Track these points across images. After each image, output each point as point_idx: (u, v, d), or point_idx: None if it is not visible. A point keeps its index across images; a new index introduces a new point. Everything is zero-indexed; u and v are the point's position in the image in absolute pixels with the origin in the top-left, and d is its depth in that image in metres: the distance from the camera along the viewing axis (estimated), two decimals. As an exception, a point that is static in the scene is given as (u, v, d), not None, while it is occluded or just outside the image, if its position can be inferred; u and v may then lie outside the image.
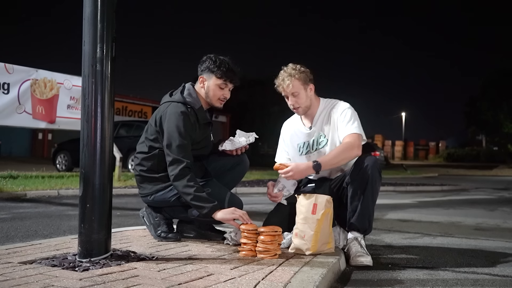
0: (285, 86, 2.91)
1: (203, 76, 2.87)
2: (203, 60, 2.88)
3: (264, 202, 6.59)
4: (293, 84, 2.90)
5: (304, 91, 2.93)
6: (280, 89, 2.96)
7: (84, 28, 2.20)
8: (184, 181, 2.60)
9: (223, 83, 2.82)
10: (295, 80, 2.90)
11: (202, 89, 2.88)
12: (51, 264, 2.11)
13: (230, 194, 2.80)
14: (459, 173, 22.53)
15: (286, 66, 2.96)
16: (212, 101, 2.87)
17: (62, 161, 13.43)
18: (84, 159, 2.20)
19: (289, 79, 2.89)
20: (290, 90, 2.91)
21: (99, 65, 2.19)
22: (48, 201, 6.40)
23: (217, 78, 2.82)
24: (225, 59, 2.85)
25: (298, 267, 2.22)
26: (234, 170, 3.01)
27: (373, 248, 3.23)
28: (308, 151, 3.01)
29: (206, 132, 2.93)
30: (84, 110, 2.21)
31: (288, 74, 2.90)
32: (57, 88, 8.86)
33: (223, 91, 2.85)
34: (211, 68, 2.83)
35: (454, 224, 4.92)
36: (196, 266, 2.18)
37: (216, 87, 2.83)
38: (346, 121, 2.87)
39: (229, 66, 2.82)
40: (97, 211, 2.19)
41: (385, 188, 10.40)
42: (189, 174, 2.62)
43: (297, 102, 2.94)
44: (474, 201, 8.08)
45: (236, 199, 2.82)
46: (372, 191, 2.74)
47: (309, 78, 2.96)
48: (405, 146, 57.98)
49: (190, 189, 2.59)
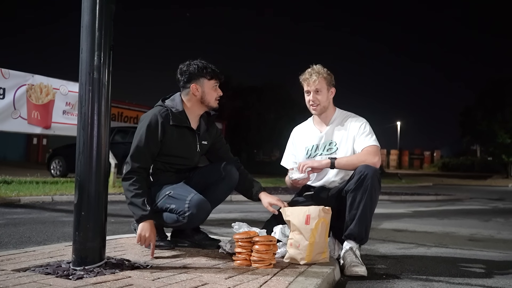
0: (312, 81, 3.02)
1: (195, 84, 2.84)
2: (183, 71, 2.85)
3: (259, 210, 6.58)
4: (319, 81, 3.02)
5: (327, 91, 3.06)
6: (305, 84, 3.06)
7: (82, 36, 2.21)
8: (126, 184, 2.69)
9: (215, 82, 2.87)
10: (322, 78, 3.03)
11: (195, 96, 2.85)
12: (44, 272, 2.10)
13: (193, 196, 2.67)
14: (454, 182, 22.62)
15: (314, 65, 3.09)
16: (211, 103, 2.87)
17: (57, 167, 13.37)
18: (80, 166, 2.20)
19: (316, 75, 3.01)
20: (315, 86, 3.02)
21: (96, 73, 2.19)
22: (42, 207, 6.37)
23: (208, 80, 2.85)
24: (202, 62, 2.87)
25: (293, 277, 2.21)
26: (218, 185, 2.89)
27: (368, 258, 3.24)
28: (316, 154, 3.05)
29: (187, 139, 2.87)
30: (80, 117, 2.21)
31: (316, 72, 3.03)
32: (53, 94, 8.87)
33: (217, 90, 2.90)
34: (197, 74, 2.83)
35: (448, 234, 4.93)
36: (190, 275, 2.17)
37: (211, 89, 2.86)
38: (366, 133, 2.98)
39: (211, 66, 2.87)
40: (92, 219, 2.19)
41: (380, 197, 10.31)
42: (133, 178, 2.67)
43: (318, 99, 3.04)
44: (468, 211, 8.11)
45: (200, 202, 2.65)
46: (371, 200, 2.75)
47: (333, 82, 3.11)
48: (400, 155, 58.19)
49: (128, 193, 2.66)
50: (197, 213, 2.63)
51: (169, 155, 2.82)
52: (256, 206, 7.15)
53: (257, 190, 2.98)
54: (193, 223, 2.73)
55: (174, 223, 2.72)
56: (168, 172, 2.88)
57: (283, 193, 9.71)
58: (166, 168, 2.87)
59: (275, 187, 12.07)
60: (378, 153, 2.95)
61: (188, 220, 2.63)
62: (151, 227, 2.59)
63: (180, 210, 2.64)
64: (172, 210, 2.69)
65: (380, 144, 3.04)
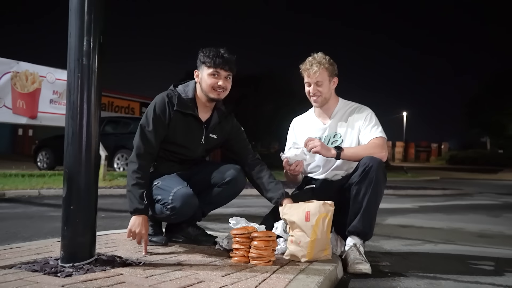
0: (312, 73, 2.98)
1: (197, 70, 2.88)
2: (198, 55, 2.88)
3: (257, 205, 6.59)
4: (321, 72, 2.98)
5: (328, 82, 3.03)
6: (305, 75, 3.03)
7: (70, 20, 2.19)
8: (130, 169, 2.70)
9: (214, 70, 2.79)
10: (323, 69, 2.99)
11: (198, 83, 2.88)
12: (31, 269, 2.10)
13: (179, 188, 2.65)
14: (462, 176, 22.66)
15: (315, 53, 3.04)
16: (207, 92, 2.83)
17: (44, 159, 13.36)
18: (69, 158, 2.19)
19: (317, 66, 2.97)
20: (316, 78, 2.98)
21: (85, 59, 2.18)
22: (29, 201, 6.37)
23: (207, 67, 2.81)
24: (216, 49, 2.82)
25: (293, 275, 2.22)
26: (220, 189, 2.87)
27: (372, 255, 3.24)
28: None
29: (191, 129, 2.86)
30: (69, 106, 2.20)
31: (318, 62, 2.98)
32: (40, 82, 8.82)
33: (216, 79, 2.80)
34: (201, 59, 2.83)
35: (456, 230, 4.95)
36: (185, 272, 2.18)
37: (208, 76, 2.80)
38: (372, 124, 2.97)
39: (218, 53, 2.79)
40: (81, 213, 2.19)
41: (385, 191, 10.37)
42: (138, 164, 2.68)
43: (319, 91, 3.01)
44: (477, 207, 8.14)
45: (185, 195, 2.63)
46: (376, 194, 2.76)
47: (335, 72, 3.06)
48: (406, 147, 58.28)
49: (130, 180, 2.67)
50: (180, 207, 2.62)
51: (171, 143, 2.83)
52: (255, 201, 7.16)
53: (278, 196, 2.85)
54: (177, 217, 2.71)
55: (160, 215, 2.74)
56: (170, 162, 2.89)
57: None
58: (168, 156, 2.88)
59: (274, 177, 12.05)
60: (385, 146, 2.95)
61: (171, 212, 2.64)
62: (144, 222, 2.59)
63: (165, 201, 2.66)
64: (159, 201, 2.71)
65: (386, 136, 3.03)
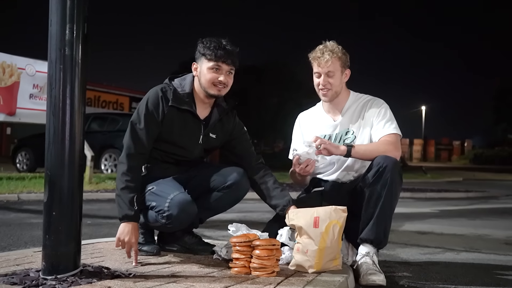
0: (324, 62, 2.95)
1: (196, 62, 2.86)
2: (197, 45, 2.86)
3: (260, 210, 6.60)
4: (333, 61, 2.95)
5: (340, 74, 3.01)
6: (315, 63, 3.00)
7: (51, 5, 2.20)
8: (119, 171, 2.70)
9: (214, 64, 2.77)
10: (336, 58, 2.96)
11: (197, 77, 2.86)
12: (10, 281, 2.11)
13: (176, 194, 2.65)
14: (487, 177, 22.61)
15: (327, 41, 3.02)
16: (207, 88, 2.81)
17: (23, 160, 13.39)
18: (50, 159, 2.20)
19: (329, 55, 2.94)
20: (328, 67, 2.96)
21: (68, 49, 2.18)
22: (7, 206, 6.38)
23: (208, 60, 2.78)
24: (217, 39, 2.80)
25: (299, 287, 2.22)
26: (221, 193, 2.85)
27: (387, 265, 3.25)
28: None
29: (188, 127, 2.85)
30: (50, 101, 2.20)
31: (330, 50, 2.96)
32: (18, 75, 8.82)
33: (217, 74, 2.78)
34: (201, 51, 2.81)
35: (481, 237, 4.95)
36: (180, 285, 2.18)
37: (208, 70, 2.78)
38: (386, 120, 2.96)
39: (220, 45, 2.77)
40: (64, 220, 2.19)
41: (402, 194, 10.35)
42: (128, 165, 2.68)
43: (330, 83, 2.99)
44: (504, 211, 8.14)
45: (182, 202, 2.63)
46: (391, 197, 2.75)
47: (348, 63, 3.05)
48: (425, 145, 58.13)
49: (119, 183, 2.67)
50: (177, 215, 2.62)
51: (165, 141, 2.83)
52: (257, 206, 7.16)
53: (285, 203, 2.84)
54: (174, 226, 2.71)
55: (154, 223, 2.74)
56: (164, 164, 2.89)
57: (288, 190, 9.70)
58: (162, 157, 2.88)
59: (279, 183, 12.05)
60: (399, 144, 2.95)
61: (167, 221, 2.64)
62: (134, 230, 2.59)
63: (160, 209, 2.65)
64: (153, 208, 2.70)
65: (402, 133, 3.02)
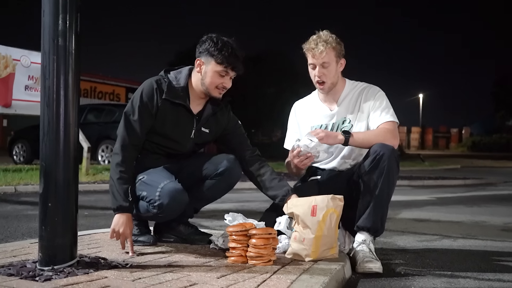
0: (318, 53, 2.92)
1: (201, 59, 2.79)
2: (203, 40, 2.80)
3: (257, 200, 6.61)
4: (327, 52, 2.92)
5: (336, 64, 2.99)
6: (309, 55, 2.98)
7: (44, -5, 2.18)
8: (114, 162, 2.71)
9: (223, 70, 2.74)
10: (330, 49, 2.93)
11: (199, 74, 2.81)
12: (7, 273, 2.11)
13: (167, 183, 2.65)
14: (485, 164, 22.65)
15: (320, 31, 2.98)
16: (209, 90, 2.79)
17: (20, 152, 13.38)
18: (45, 150, 2.20)
19: (323, 46, 2.91)
20: (322, 58, 2.93)
21: (61, 40, 2.17)
22: (4, 199, 6.38)
23: (217, 63, 2.73)
24: (229, 41, 2.76)
25: (296, 275, 2.23)
26: (214, 181, 2.86)
27: (384, 252, 3.26)
28: None
29: (181, 120, 2.84)
30: (44, 92, 2.20)
31: (324, 40, 2.92)
32: (13, 66, 8.80)
33: (222, 79, 2.77)
34: (210, 50, 2.74)
35: (478, 224, 4.97)
36: (177, 274, 2.19)
37: (214, 74, 2.75)
38: (382, 107, 2.95)
39: (232, 50, 2.73)
40: (60, 211, 2.19)
41: (399, 182, 10.34)
42: (123, 156, 2.69)
43: (325, 75, 2.97)
44: (502, 198, 8.16)
45: (173, 190, 2.63)
46: (388, 185, 2.76)
47: (343, 52, 3.02)
48: (423, 133, 58.16)
49: (114, 174, 2.68)
50: (168, 204, 2.61)
51: (157, 134, 2.82)
52: (254, 195, 7.18)
53: (284, 194, 2.83)
54: (165, 215, 2.71)
55: (145, 213, 2.73)
56: (155, 155, 2.89)
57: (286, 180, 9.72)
58: (153, 149, 2.88)
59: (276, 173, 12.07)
60: (397, 132, 2.94)
61: (158, 210, 2.63)
62: (128, 221, 2.60)
63: (151, 198, 2.65)
64: (144, 198, 2.70)
65: (400, 121, 3.03)
